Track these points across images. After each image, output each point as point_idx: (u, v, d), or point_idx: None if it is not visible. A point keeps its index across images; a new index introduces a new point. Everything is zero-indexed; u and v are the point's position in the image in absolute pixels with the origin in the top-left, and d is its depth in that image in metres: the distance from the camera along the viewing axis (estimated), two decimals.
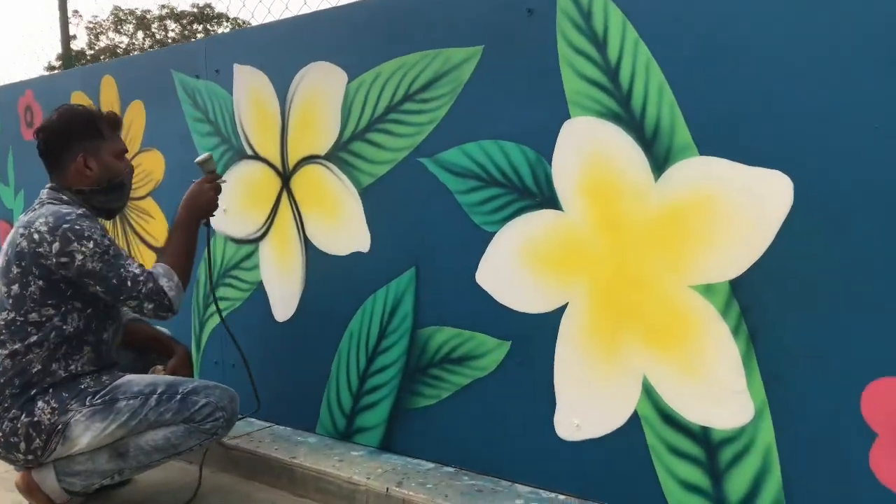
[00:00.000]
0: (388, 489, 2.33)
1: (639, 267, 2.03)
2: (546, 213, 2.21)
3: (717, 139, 1.89)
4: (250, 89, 2.98)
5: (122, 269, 2.18)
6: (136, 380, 2.26)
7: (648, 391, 2.04)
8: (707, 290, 1.92)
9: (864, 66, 1.69)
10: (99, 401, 2.18)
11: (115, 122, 2.40)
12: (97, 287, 2.18)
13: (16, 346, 2.18)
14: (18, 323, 2.18)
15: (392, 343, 2.59)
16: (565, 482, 2.22)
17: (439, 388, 2.48)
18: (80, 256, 2.12)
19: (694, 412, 1.97)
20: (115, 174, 2.34)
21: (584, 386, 2.17)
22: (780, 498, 1.85)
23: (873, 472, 1.72)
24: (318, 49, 2.75)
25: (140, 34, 26.28)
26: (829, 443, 1.78)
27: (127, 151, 2.40)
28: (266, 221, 2.97)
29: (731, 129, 1.87)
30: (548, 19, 2.16)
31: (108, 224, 3.73)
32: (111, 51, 25.02)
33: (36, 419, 2.15)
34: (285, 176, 2.89)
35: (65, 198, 2.27)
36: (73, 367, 2.23)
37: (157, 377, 2.29)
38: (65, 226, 2.13)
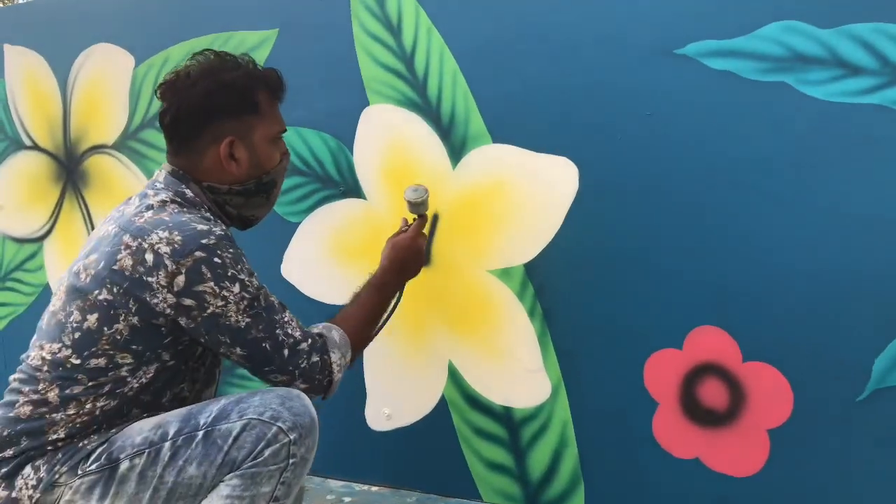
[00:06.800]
0: None
1: (441, 254, 2.05)
2: (350, 202, 2.18)
3: (508, 127, 1.93)
4: (25, 72, 2.69)
5: (278, 330, 1.46)
6: (137, 425, 1.44)
7: (454, 375, 2.07)
8: (504, 273, 1.96)
9: (638, 54, 1.79)
10: (94, 466, 1.38)
11: (277, 87, 1.61)
12: (232, 350, 1.44)
13: (48, 395, 1.41)
14: (71, 366, 1.41)
15: None
16: (377, 473, 2.21)
17: (246, 389, 2.38)
18: (215, 304, 1.39)
19: (496, 393, 2.01)
20: (266, 168, 1.58)
21: (393, 375, 2.16)
22: (578, 470, 1.93)
23: (656, 438, 1.84)
24: (101, 30, 2.53)
25: None
26: (617, 415, 1.88)
27: (285, 131, 1.64)
28: (50, 218, 2.71)
29: (520, 118, 1.91)
30: (342, 3, 2.11)
31: None
32: None
33: (13, 496, 1.39)
34: (69, 168, 2.64)
35: (190, 194, 1.52)
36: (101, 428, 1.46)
37: (165, 415, 1.45)
38: (199, 252, 1.38)
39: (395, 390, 2.16)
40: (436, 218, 2.03)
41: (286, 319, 1.49)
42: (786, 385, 1.70)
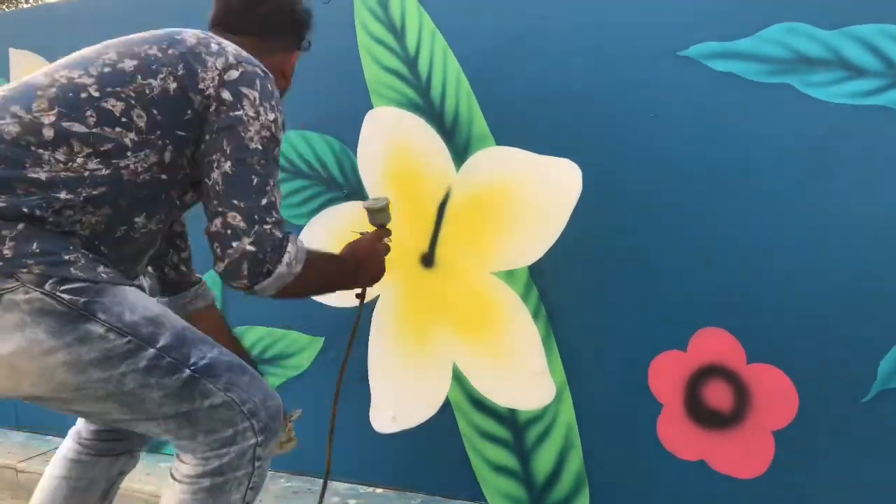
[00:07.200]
0: None
1: (445, 256, 2.05)
2: (353, 205, 2.18)
3: (511, 129, 1.93)
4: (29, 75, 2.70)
5: (271, 181, 1.34)
6: (129, 296, 1.26)
7: (459, 378, 2.07)
8: (508, 276, 1.96)
9: (641, 56, 1.79)
10: (66, 296, 1.18)
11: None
12: (222, 163, 1.31)
13: (43, 120, 1.24)
14: (86, 96, 1.26)
15: None
16: (383, 475, 2.21)
17: None
18: (247, 112, 1.33)
19: (501, 395, 2.01)
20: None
21: (398, 377, 2.16)
22: (582, 472, 1.93)
23: (660, 440, 1.84)
24: (104, 33, 2.52)
25: None
26: (622, 416, 1.88)
27: None
28: None
29: (524, 120, 1.92)
30: (346, 7, 2.11)
31: None
32: None
33: None
34: None
35: None
36: (77, 215, 1.25)
37: (160, 310, 1.31)
38: (259, 70, 1.38)
39: (400, 392, 2.16)
40: (439, 220, 2.04)
41: (279, 187, 1.38)
42: (790, 386, 1.70)
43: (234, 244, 1.28)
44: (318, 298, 2.23)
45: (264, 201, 1.31)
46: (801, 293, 1.68)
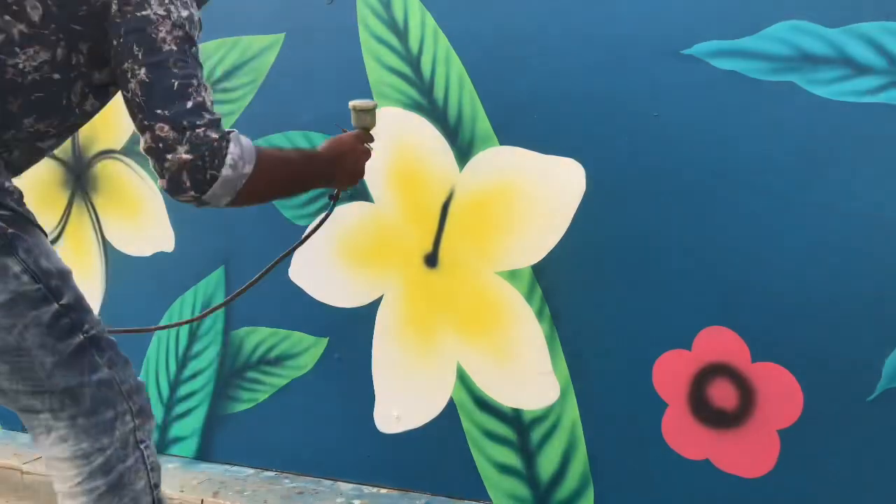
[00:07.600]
0: (202, 501, 2.21)
1: (448, 256, 2.05)
2: (357, 206, 2.18)
3: (515, 129, 1.94)
4: None
5: (194, 81, 1.24)
6: (46, 246, 1.26)
7: (463, 378, 2.07)
8: (512, 275, 1.97)
9: (645, 55, 1.79)
10: None
11: None
12: (136, 70, 1.22)
13: None
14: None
15: (203, 347, 2.46)
16: (387, 476, 2.21)
17: (256, 391, 2.39)
18: (155, 9, 1.23)
19: (505, 395, 2.01)
20: None
21: (402, 377, 2.16)
22: (587, 471, 1.93)
23: (665, 439, 1.83)
24: None
25: None
26: (626, 416, 1.88)
27: None
28: (59, 223, 2.72)
29: (527, 119, 1.92)
30: (349, 7, 2.12)
31: None
32: None
33: None
34: (77, 173, 2.66)
35: None
36: None
37: (71, 271, 1.29)
38: None
39: (404, 392, 2.16)
40: (443, 220, 2.04)
41: (205, 85, 1.27)
42: (795, 385, 1.70)
43: (169, 157, 1.20)
44: (321, 299, 2.23)
45: (189, 104, 1.21)
46: (805, 292, 1.68)
